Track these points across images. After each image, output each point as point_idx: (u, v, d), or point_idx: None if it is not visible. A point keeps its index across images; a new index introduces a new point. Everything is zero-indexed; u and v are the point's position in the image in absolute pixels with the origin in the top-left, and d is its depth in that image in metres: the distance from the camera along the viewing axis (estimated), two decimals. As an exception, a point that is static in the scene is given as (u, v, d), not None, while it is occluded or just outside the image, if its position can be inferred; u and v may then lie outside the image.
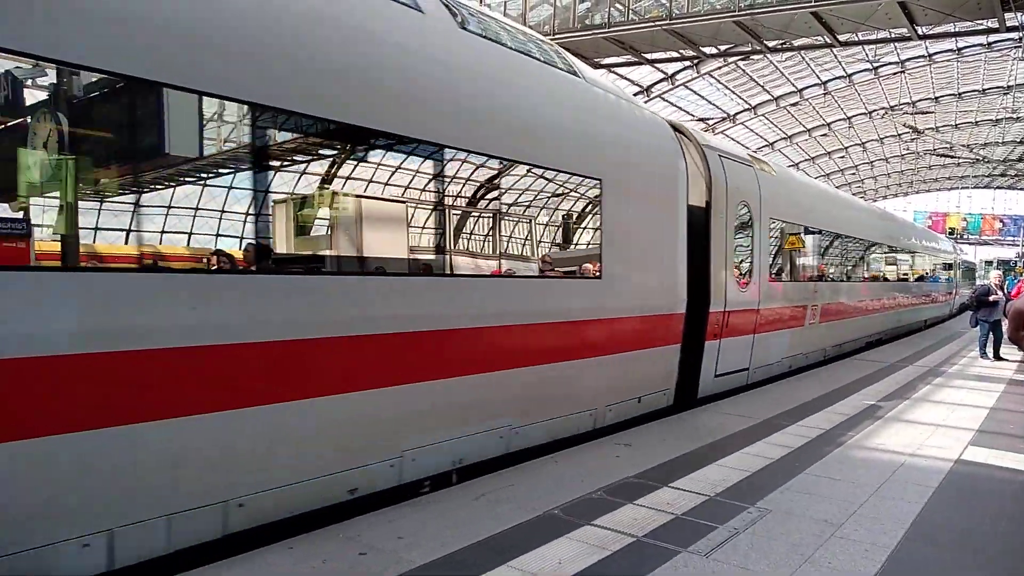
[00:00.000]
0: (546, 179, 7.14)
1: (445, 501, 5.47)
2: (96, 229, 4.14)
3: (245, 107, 4.56)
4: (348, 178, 5.61)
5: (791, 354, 12.90)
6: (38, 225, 3.87)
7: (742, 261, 10.85)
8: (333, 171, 5.56)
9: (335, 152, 5.56)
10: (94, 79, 3.99)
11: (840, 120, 44.40)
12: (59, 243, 3.89)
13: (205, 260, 4.66)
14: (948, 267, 31.41)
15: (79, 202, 3.95)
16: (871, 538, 4.92)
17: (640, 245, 8.36)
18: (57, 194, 3.89)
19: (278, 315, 4.67)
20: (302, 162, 5.32)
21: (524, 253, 7.20)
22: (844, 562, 4.51)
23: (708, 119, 37.21)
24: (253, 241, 4.87)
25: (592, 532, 4.91)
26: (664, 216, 8.84)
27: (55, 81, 3.90)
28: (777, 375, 12.23)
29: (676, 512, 5.34)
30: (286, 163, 5.21)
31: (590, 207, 7.70)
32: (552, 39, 19.33)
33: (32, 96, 3.87)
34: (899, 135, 46.65)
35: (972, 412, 9.38)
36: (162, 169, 4.53)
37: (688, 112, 36.43)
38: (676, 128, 9.76)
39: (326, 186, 5.50)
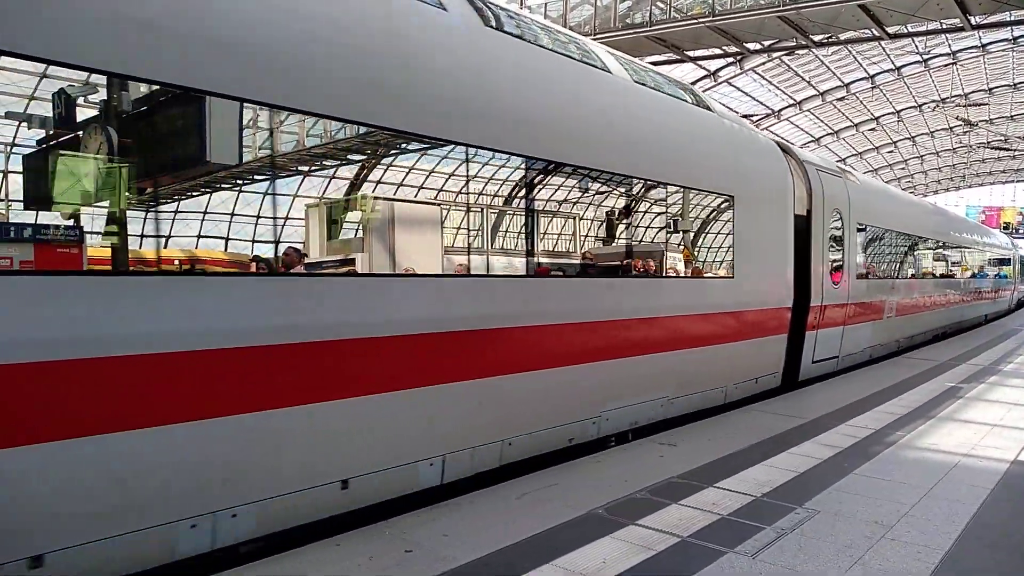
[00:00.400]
0: (695, 200, 8.91)
1: (489, 500, 5.50)
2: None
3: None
4: (602, 216, 7.74)
5: (871, 344, 14.29)
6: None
7: (834, 261, 12.20)
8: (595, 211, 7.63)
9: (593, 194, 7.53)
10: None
11: (888, 114, 43.40)
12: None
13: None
14: (1006, 262, 31.70)
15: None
16: (924, 540, 4.81)
17: (761, 249, 9.93)
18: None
19: (551, 306, 6.63)
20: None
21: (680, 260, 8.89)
22: (895, 564, 4.42)
23: (752, 116, 36.66)
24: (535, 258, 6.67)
25: (637, 532, 4.89)
26: (777, 224, 10.44)
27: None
28: (860, 363, 13.56)
29: (722, 512, 5.29)
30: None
31: (723, 219, 9.31)
32: (593, 39, 19.32)
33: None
34: (951, 128, 45.41)
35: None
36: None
37: (732, 109, 35.98)
38: (782, 147, 11.35)
39: (573, 214, 7.36)
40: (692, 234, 8.96)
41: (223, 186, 4.74)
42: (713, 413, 8.85)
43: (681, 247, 8.76)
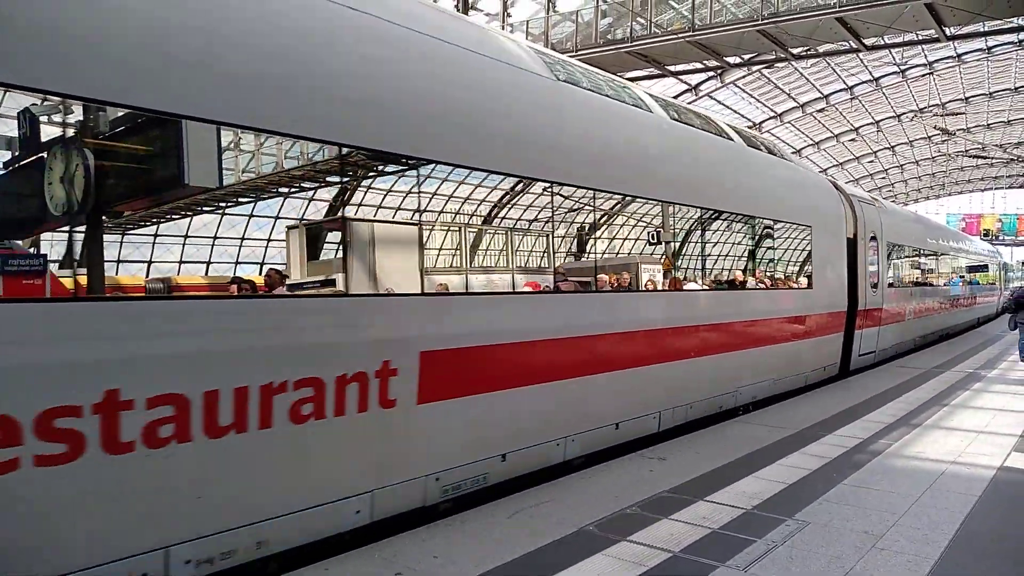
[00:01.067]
0: (789, 231, 11.90)
1: (480, 520, 5.47)
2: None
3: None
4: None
5: (898, 342, 17.14)
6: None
7: (872, 273, 14.86)
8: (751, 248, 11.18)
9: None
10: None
11: (868, 124, 43.93)
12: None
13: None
14: (985, 269, 33.68)
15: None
16: (913, 549, 4.83)
17: (829, 265, 12.85)
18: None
19: (713, 312, 9.57)
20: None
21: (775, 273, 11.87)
22: (886, 574, 4.44)
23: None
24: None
25: (628, 548, 4.88)
26: (838, 245, 13.28)
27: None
28: (887, 359, 16.16)
29: (713, 526, 5.29)
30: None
31: (804, 243, 12.25)
32: (575, 55, 19.45)
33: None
34: (929, 137, 45.98)
35: (1015, 418, 9.18)
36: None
37: (713, 122, 36.29)
38: (832, 183, 14.55)
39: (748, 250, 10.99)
40: (786, 255, 12.26)
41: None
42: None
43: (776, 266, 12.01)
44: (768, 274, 11.46)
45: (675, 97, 32.58)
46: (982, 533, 5.20)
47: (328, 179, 5.59)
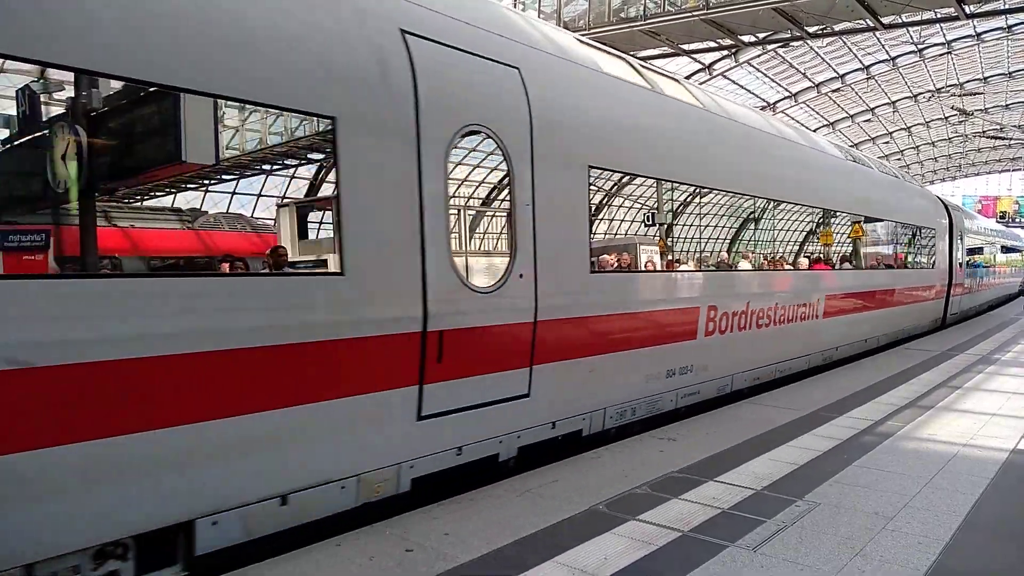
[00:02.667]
0: (913, 231, 18.13)
1: (490, 498, 5.50)
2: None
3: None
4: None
5: (966, 308, 23.74)
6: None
7: (958, 259, 21.55)
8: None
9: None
10: None
11: (884, 105, 43.43)
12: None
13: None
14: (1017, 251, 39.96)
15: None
16: (924, 531, 4.82)
17: (944, 254, 19.92)
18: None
19: (891, 282, 15.90)
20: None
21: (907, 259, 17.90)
22: (896, 555, 4.43)
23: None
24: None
25: (638, 527, 4.89)
26: (947, 241, 20.34)
27: None
28: (961, 319, 22.68)
29: (723, 506, 5.30)
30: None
31: (930, 240, 19.21)
32: (588, 34, 19.26)
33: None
34: (946, 118, 45.38)
35: (1029, 401, 9.13)
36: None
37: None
38: (937, 197, 22.22)
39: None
40: (923, 247, 18.89)
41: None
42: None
43: (914, 252, 18.34)
44: (911, 259, 17.82)
45: (688, 76, 32.33)
46: (993, 515, 5.18)
47: None
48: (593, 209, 7.17)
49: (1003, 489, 5.75)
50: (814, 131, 44.53)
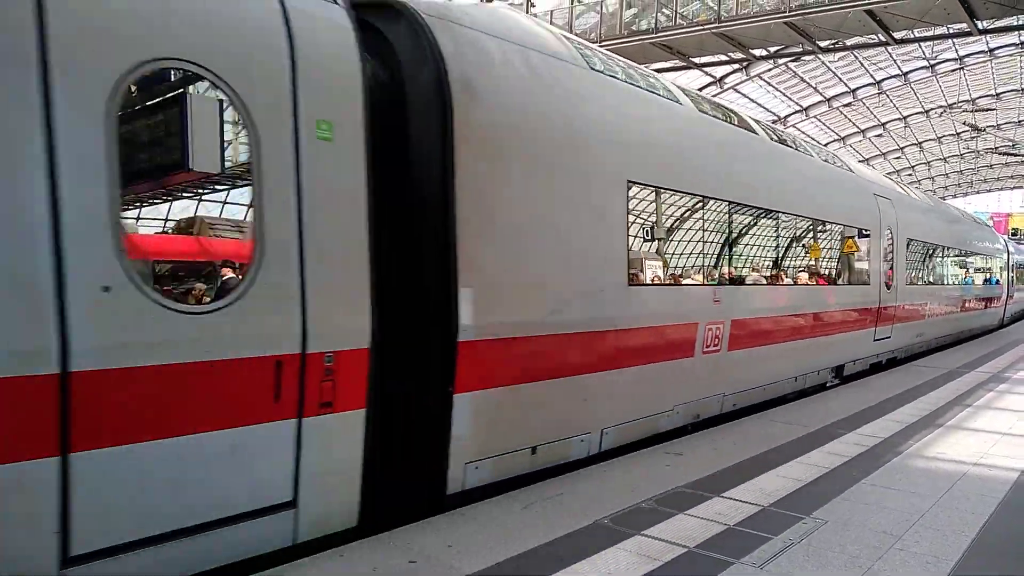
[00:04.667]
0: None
1: (494, 510, 5.47)
2: None
3: None
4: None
5: (1013, 314, 28.84)
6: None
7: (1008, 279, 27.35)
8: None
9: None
10: None
11: (895, 120, 43.38)
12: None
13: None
14: None
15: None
16: (933, 550, 4.77)
17: (1001, 274, 26.11)
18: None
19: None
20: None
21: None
22: (905, 574, 4.38)
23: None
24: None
25: (643, 542, 4.85)
26: (1000, 262, 26.55)
27: None
28: (1009, 322, 28.22)
29: (729, 523, 5.25)
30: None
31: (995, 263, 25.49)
32: (600, 46, 19.31)
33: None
34: (958, 134, 45.27)
35: (1040, 420, 9.05)
36: None
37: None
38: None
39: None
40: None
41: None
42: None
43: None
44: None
45: (700, 89, 32.36)
46: (1004, 535, 5.12)
47: None
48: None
49: (1014, 508, 5.68)
50: (825, 145, 44.73)
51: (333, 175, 4.60)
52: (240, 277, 4.20)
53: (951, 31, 21.60)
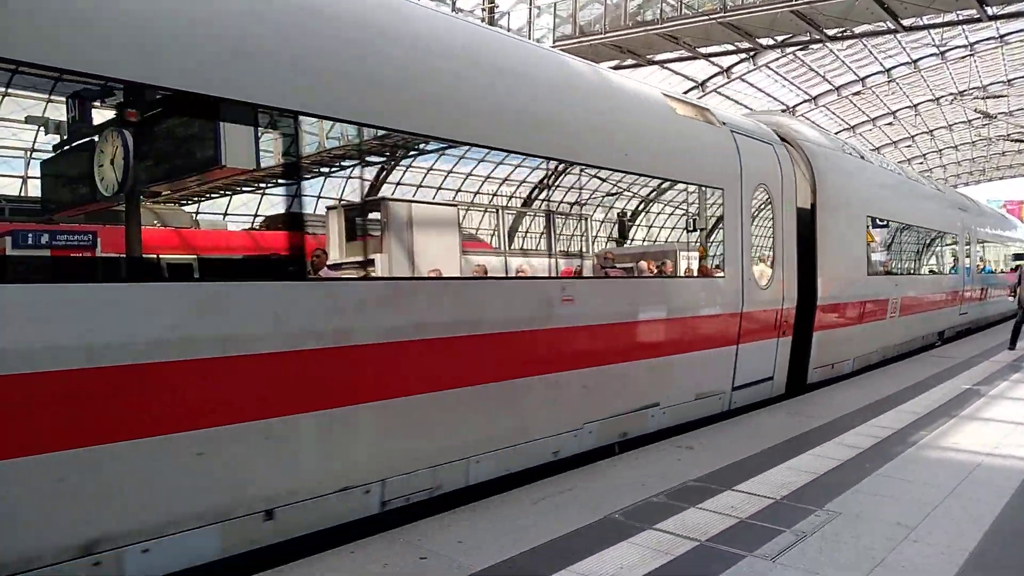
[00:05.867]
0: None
1: (504, 506, 5.46)
2: None
3: None
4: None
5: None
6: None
7: None
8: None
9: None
10: None
11: (906, 108, 42.96)
12: None
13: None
14: None
15: None
16: (947, 541, 4.73)
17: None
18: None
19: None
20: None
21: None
22: (919, 565, 4.34)
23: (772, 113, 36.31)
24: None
25: (655, 536, 4.83)
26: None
27: None
28: None
29: (741, 516, 5.22)
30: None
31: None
32: (604, 38, 19.24)
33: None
34: (969, 121, 44.82)
35: (1055, 408, 8.97)
36: None
37: (745, 106, 35.65)
38: None
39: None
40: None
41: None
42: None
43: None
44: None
45: (706, 79, 32.20)
46: (1019, 526, 5.07)
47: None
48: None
49: (1029, 499, 5.62)
50: (835, 134, 44.44)
51: (791, 225, 10.08)
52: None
53: (960, 17, 21.35)
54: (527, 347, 6.14)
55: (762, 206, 9.49)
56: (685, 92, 30.20)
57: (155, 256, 4.55)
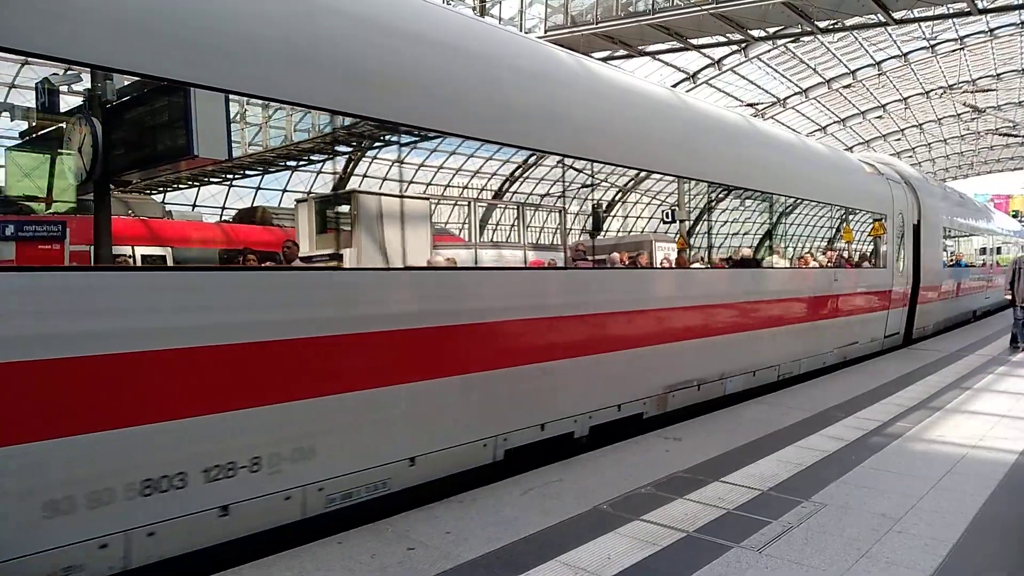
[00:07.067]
0: None
1: (492, 497, 5.47)
2: None
3: None
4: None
5: None
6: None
7: None
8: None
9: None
10: None
11: (896, 101, 43.06)
12: None
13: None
14: None
15: None
16: (931, 532, 4.77)
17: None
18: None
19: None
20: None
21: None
22: (903, 557, 4.38)
23: (757, 104, 36.37)
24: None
25: (642, 527, 4.85)
26: None
27: None
28: None
29: (728, 507, 5.25)
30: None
31: None
32: (596, 28, 19.18)
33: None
34: (958, 115, 44.95)
35: (1039, 401, 9.06)
36: None
37: (736, 98, 35.60)
38: None
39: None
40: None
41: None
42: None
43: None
44: None
45: (697, 71, 32.20)
46: (1002, 517, 5.12)
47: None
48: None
49: (1012, 491, 5.68)
50: (823, 128, 44.64)
51: (910, 236, 15.66)
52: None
53: (950, 11, 21.38)
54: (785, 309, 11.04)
55: (900, 225, 15.12)
56: (676, 84, 30.20)
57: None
